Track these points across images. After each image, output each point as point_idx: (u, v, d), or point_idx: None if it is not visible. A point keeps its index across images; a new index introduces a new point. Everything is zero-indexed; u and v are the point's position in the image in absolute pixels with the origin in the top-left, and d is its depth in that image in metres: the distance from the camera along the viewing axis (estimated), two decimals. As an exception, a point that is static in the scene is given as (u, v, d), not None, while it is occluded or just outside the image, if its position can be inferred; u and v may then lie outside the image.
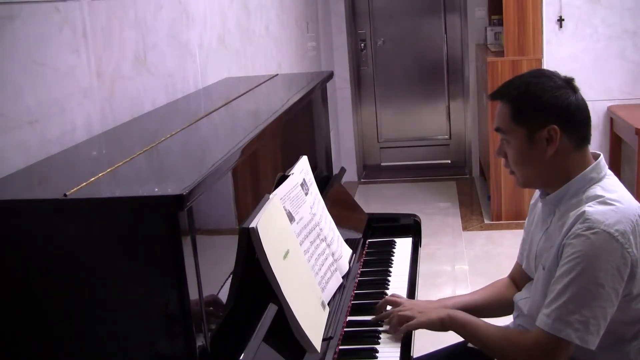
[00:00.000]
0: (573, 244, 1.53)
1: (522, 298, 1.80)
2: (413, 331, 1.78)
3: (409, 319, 1.74)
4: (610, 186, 1.62)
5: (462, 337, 1.72)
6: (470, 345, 1.97)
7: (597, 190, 1.60)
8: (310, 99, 2.32)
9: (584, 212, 1.54)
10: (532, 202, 1.85)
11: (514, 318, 1.85)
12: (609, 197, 1.57)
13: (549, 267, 1.61)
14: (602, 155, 1.68)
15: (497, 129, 1.69)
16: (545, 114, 1.61)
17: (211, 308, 1.33)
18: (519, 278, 1.91)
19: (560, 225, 1.62)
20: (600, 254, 1.50)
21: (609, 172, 1.67)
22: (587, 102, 1.69)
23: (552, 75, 1.66)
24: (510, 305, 1.89)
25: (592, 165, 1.64)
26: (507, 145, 1.68)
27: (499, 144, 1.73)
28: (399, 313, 1.77)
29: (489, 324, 1.71)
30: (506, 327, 1.68)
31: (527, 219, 1.88)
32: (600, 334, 1.51)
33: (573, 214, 1.57)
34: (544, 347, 1.54)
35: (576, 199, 1.62)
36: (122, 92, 1.89)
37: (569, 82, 1.66)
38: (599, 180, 1.63)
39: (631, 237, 1.52)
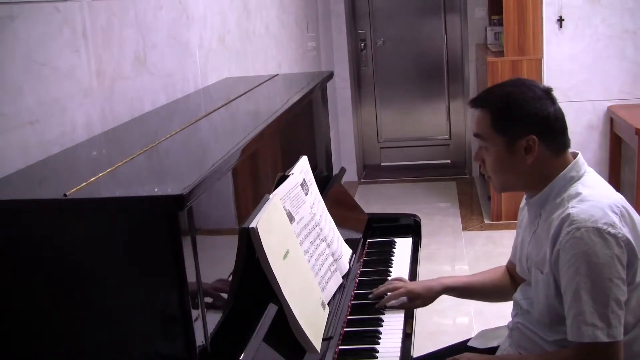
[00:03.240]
0: (566, 248, 1.54)
1: (520, 298, 1.81)
2: (413, 330, 1.79)
3: None
4: (591, 182, 1.65)
5: None
6: (470, 344, 1.98)
7: (578, 187, 1.63)
8: (310, 99, 2.33)
9: (569, 214, 1.56)
10: (521, 205, 1.86)
11: (513, 317, 1.86)
12: (589, 194, 1.59)
13: (547, 271, 1.62)
14: (580, 154, 1.70)
15: (477, 135, 1.71)
16: (526, 124, 1.63)
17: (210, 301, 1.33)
18: (513, 271, 1.93)
19: (547, 226, 1.63)
20: (595, 251, 1.51)
21: (589, 168, 1.69)
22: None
23: (531, 85, 1.68)
24: (504, 293, 1.93)
25: (571, 164, 1.66)
26: (486, 152, 1.70)
27: (477, 150, 1.74)
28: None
29: (527, 355, 1.72)
30: (550, 352, 1.68)
31: (517, 222, 1.89)
32: (622, 323, 1.53)
33: (557, 217, 1.59)
34: (588, 357, 1.55)
35: (559, 198, 1.64)
36: (122, 92, 1.89)
37: (547, 93, 1.67)
38: (579, 178, 1.65)
39: (620, 224, 1.54)
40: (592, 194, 1.59)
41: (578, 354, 1.55)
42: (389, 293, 1.91)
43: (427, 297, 1.94)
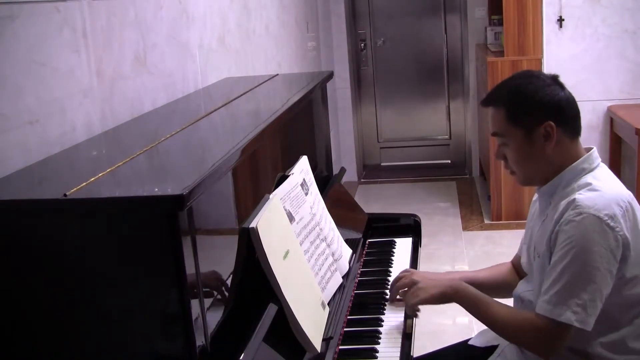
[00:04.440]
0: (565, 230, 1.57)
1: (522, 291, 1.82)
2: (413, 329, 1.79)
3: (413, 298, 1.77)
4: (601, 175, 1.67)
5: (467, 310, 1.74)
6: (470, 342, 1.98)
7: (588, 178, 1.65)
8: (310, 99, 2.33)
9: (574, 199, 1.59)
10: (533, 199, 1.88)
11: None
12: (598, 185, 1.62)
13: (542, 254, 1.66)
14: (594, 148, 1.73)
15: (494, 134, 1.73)
16: (540, 112, 1.66)
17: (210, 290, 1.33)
18: (519, 266, 1.94)
19: (554, 213, 1.66)
20: (591, 238, 1.54)
21: (602, 164, 1.72)
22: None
23: (539, 75, 1.72)
24: (509, 289, 1.92)
25: (584, 156, 1.69)
26: (506, 148, 1.72)
27: (496, 148, 1.76)
28: (406, 300, 1.79)
29: (499, 303, 1.73)
30: (515, 309, 1.72)
31: (528, 216, 1.90)
32: (596, 315, 1.56)
33: (564, 203, 1.62)
34: (546, 332, 1.58)
35: (569, 188, 1.66)
36: (122, 92, 1.89)
37: (555, 79, 1.71)
38: (591, 170, 1.68)
39: (621, 220, 1.56)
40: (601, 186, 1.62)
41: (540, 326, 1.58)
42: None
43: None
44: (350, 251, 2.04)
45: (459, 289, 1.74)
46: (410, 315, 1.79)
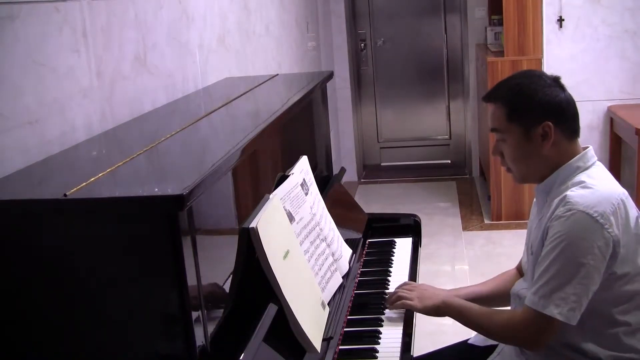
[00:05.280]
0: (554, 225, 1.60)
1: (519, 289, 1.82)
2: (413, 329, 1.79)
3: (407, 299, 1.84)
4: (595, 174, 1.69)
5: (459, 322, 1.80)
6: (470, 342, 1.98)
7: (582, 177, 1.67)
8: (310, 99, 2.33)
9: (566, 195, 1.61)
10: (534, 200, 1.89)
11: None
12: (590, 182, 1.64)
13: (535, 250, 1.68)
14: (590, 147, 1.74)
15: (493, 129, 1.75)
16: (540, 112, 1.68)
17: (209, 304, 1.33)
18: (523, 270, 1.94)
19: (548, 211, 1.67)
20: (579, 234, 1.56)
21: (598, 162, 1.73)
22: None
23: (541, 75, 1.74)
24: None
25: (579, 155, 1.71)
26: (504, 144, 1.74)
27: (494, 143, 1.77)
28: (400, 293, 1.86)
29: (483, 308, 1.78)
30: (499, 310, 1.77)
31: (529, 217, 1.91)
32: (581, 310, 1.57)
33: (556, 200, 1.64)
34: (532, 324, 1.61)
35: (564, 186, 1.68)
36: (122, 92, 1.89)
37: (556, 81, 1.73)
38: (586, 168, 1.69)
39: (612, 217, 1.58)
40: (594, 184, 1.64)
41: (526, 318, 1.62)
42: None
43: None
44: (350, 251, 2.04)
45: (446, 303, 1.81)
46: (390, 308, 1.86)
